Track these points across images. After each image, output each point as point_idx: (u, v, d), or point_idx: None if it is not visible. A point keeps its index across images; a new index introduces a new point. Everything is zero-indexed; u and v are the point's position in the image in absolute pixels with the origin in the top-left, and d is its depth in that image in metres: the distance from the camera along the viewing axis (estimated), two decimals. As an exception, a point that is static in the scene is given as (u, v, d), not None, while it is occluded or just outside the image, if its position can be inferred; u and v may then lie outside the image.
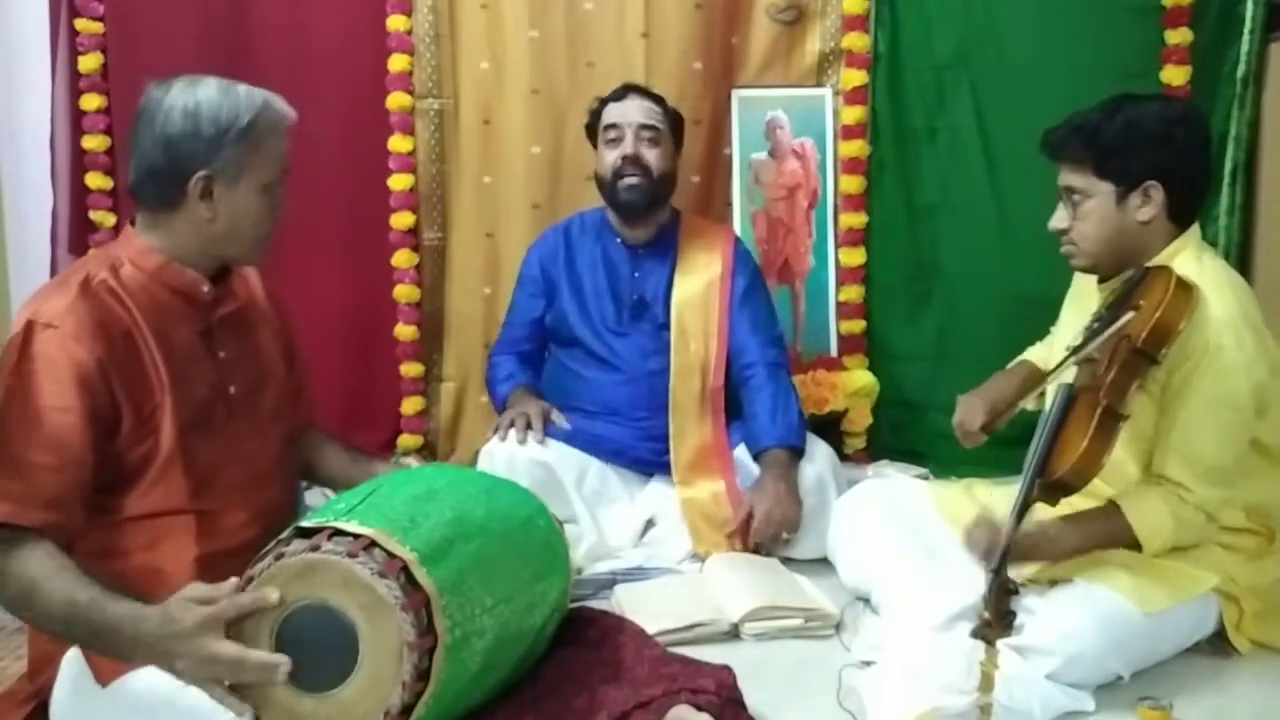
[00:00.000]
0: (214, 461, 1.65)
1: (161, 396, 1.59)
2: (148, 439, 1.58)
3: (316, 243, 3.21)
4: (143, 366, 1.58)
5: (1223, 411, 1.90)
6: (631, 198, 2.68)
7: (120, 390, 1.55)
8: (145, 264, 1.64)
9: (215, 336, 1.70)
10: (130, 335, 1.58)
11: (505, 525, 1.57)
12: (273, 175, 1.68)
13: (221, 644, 1.31)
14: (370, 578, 1.32)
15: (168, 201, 1.63)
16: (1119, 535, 1.93)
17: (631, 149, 2.66)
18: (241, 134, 1.62)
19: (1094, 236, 2.02)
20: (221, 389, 1.69)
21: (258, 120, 1.64)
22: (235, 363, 1.72)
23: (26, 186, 3.23)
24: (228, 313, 1.73)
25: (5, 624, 2.22)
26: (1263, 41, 2.98)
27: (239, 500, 1.68)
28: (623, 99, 2.72)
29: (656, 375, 2.70)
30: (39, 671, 1.63)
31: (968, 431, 2.19)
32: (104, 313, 1.56)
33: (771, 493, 2.49)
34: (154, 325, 1.61)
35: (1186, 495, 1.91)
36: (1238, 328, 1.91)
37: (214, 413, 1.67)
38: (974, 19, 3.12)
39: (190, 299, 1.67)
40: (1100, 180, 1.99)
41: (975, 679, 1.62)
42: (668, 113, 2.75)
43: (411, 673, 1.32)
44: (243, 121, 1.62)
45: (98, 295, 1.58)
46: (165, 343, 1.61)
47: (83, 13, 3.13)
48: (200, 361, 1.66)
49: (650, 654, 1.67)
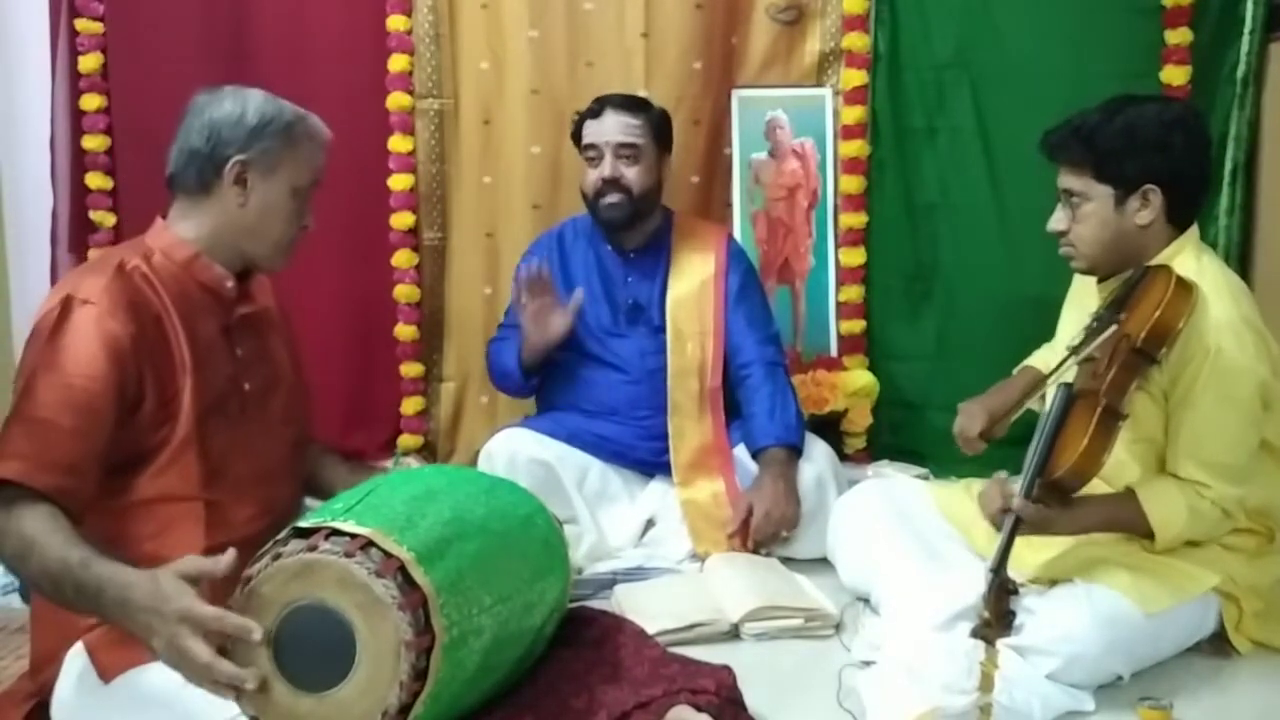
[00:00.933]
0: (226, 452, 1.69)
1: (183, 381, 1.64)
2: (167, 422, 1.63)
3: (316, 243, 3.14)
4: (169, 350, 1.64)
5: (1231, 412, 1.90)
6: (612, 215, 2.68)
7: (147, 369, 1.60)
8: (176, 255, 1.71)
9: (235, 334, 1.77)
10: (160, 320, 1.65)
11: (504, 525, 1.57)
12: (305, 180, 1.76)
13: (196, 643, 1.30)
14: (367, 577, 1.32)
15: (204, 185, 1.71)
16: (1133, 521, 1.94)
17: (610, 171, 2.64)
18: (282, 129, 1.72)
19: (1092, 239, 2.02)
20: (237, 384, 1.74)
21: (297, 123, 1.75)
22: (251, 362, 1.78)
23: (26, 186, 3.22)
24: (247, 313, 1.80)
25: (5, 624, 2.23)
26: (1263, 41, 2.97)
27: (248, 494, 1.71)
28: (599, 115, 2.68)
29: (656, 374, 2.70)
30: (40, 670, 1.64)
31: (966, 439, 2.21)
32: (137, 295, 1.63)
33: (770, 491, 2.49)
34: (182, 313, 1.67)
35: (1204, 491, 1.92)
36: (1237, 329, 1.91)
37: (229, 405, 1.71)
38: (974, 19, 3.11)
39: (215, 294, 1.74)
40: (1099, 183, 1.99)
41: (975, 679, 1.62)
42: (650, 120, 2.69)
43: (409, 672, 1.32)
44: (285, 118, 1.73)
45: (131, 278, 1.65)
46: (191, 331, 1.67)
47: (83, 13, 3.13)
48: (220, 354, 1.72)
49: (650, 654, 1.67)
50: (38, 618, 1.68)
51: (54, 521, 1.46)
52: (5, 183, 3.24)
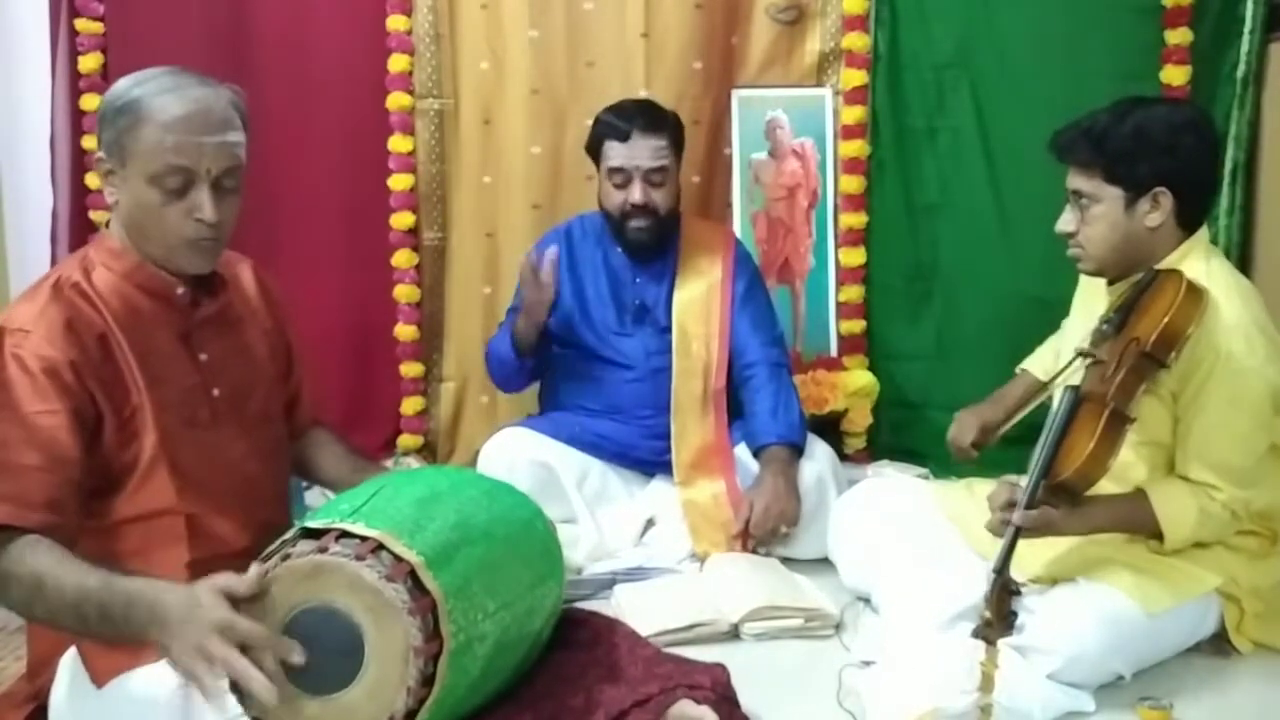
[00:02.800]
0: (200, 462, 1.62)
1: (139, 399, 1.57)
2: (132, 442, 1.56)
3: (316, 243, 3.21)
4: (117, 368, 1.56)
5: (1239, 416, 1.90)
6: (640, 238, 2.67)
7: (98, 391, 1.53)
8: (116, 265, 1.62)
9: (195, 339, 1.67)
10: (104, 338, 1.56)
11: (507, 530, 1.57)
12: (158, 167, 1.55)
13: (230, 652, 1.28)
14: (378, 581, 1.30)
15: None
16: (1142, 522, 1.94)
17: (640, 197, 2.61)
18: (117, 112, 1.56)
19: (1101, 240, 2.01)
20: (204, 392, 1.66)
21: (139, 101, 1.55)
22: (218, 365, 1.69)
23: (26, 186, 3.22)
24: (209, 314, 1.69)
25: (5, 624, 2.22)
26: (1263, 41, 2.97)
27: (228, 504, 1.65)
28: (627, 139, 2.60)
29: (661, 373, 2.70)
30: (38, 672, 1.63)
31: (959, 447, 2.24)
32: (75, 315, 1.54)
33: (771, 488, 2.49)
34: (127, 327, 1.58)
35: (1215, 493, 1.92)
36: (1247, 332, 1.91)
37: (197, 415, 1.64)
38: (974, 19, 3.12)
39: (165, 301, 1.64)
40: (1109, 185, 1.98)
41: (975, 679, 1.62)
42: (671, 136, 2.65)
43: (417, 678, 1.31)
44: (119, 101, 1.56)
45: (69, 298, 1.56)
46: (140, 345, 1.58)
47: (83, 13, 3.13)
48: (179, 364, 1.63)
49: (644, 653, 1.66)
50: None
51: (56, 553, 1.41)
52: (5, 183, 3.24)
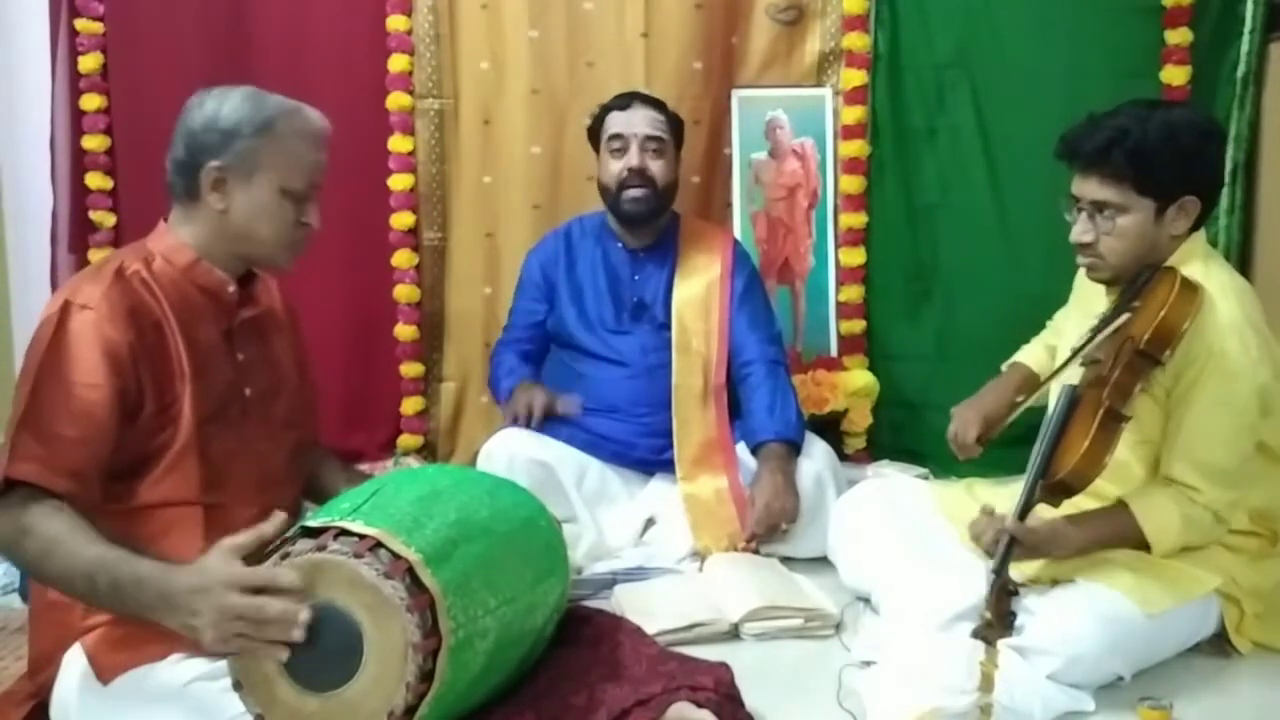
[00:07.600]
0: (227, 457, 1.68)
1: (182, 388, 1.63)
2: (167, 427, 1.62)
3: (317, 243, 3.17)
4: (168, 356, 1.63)
5: (1227, 415, 1.90)
6: (636, 209, 2.71)
7: (146, 376, 1.59)
8: (176, 259, 1.70)
9: (236, 338, 1.75)
10: (159, 325, 1.63)
11: (508, 527, 1.57)
12: (294, 179, 1.71)
13: (243, 598, 1.31)
14: (376, 578, 1.32)
15: (189, 193, 1.69)
16: (1127, 535, 1.93)
17: (637, 161, 2.68)
18: (257, 129, 1.67)
19: (1125, 251, 1.97)
20: (238, 389, 1.73)
21: (276, 119, 1.69)
22: (252, 366, 1.76)
23: (26, 186, 3.22)
24: (249, 317, 1.78)
25: (5, 624, 2.22)
26: (1263, 41, 2.98)
27: (248, 497, 1.70)
28: (628, 108, 2.73)
29: (658, 370, 2.71)
30: (38, 671, 1.63)
31: (962, 444, 2.20)
32: (136, 301, 1.62)
33: (769, 484, 2.49)
34: (181, 319, 1.65)
35: (1195, 496, 1.91)
36: (1242, 331, 1.91)
37: (229, 411, 1.70)
38: (974, 19, 3.12)
39: (216, 298, 1.72)
40: (1141, 196, 1.93)
41: (975, 679, 1.62)
42: (670, 120, 2.75)
43: (416, 674, 1.32)
44: (262, 117, 1.68)
45: (131, 284, 1.63)
46: (190, 337, 1.65)
47: (83, 13, 3.13)
48: (221, 360, 1.71)
49: (647, 652, 1.67)
50: (36, 618, 1.67)
51: (76, 520, 1.47)
52: (5, 183, 3.24)
